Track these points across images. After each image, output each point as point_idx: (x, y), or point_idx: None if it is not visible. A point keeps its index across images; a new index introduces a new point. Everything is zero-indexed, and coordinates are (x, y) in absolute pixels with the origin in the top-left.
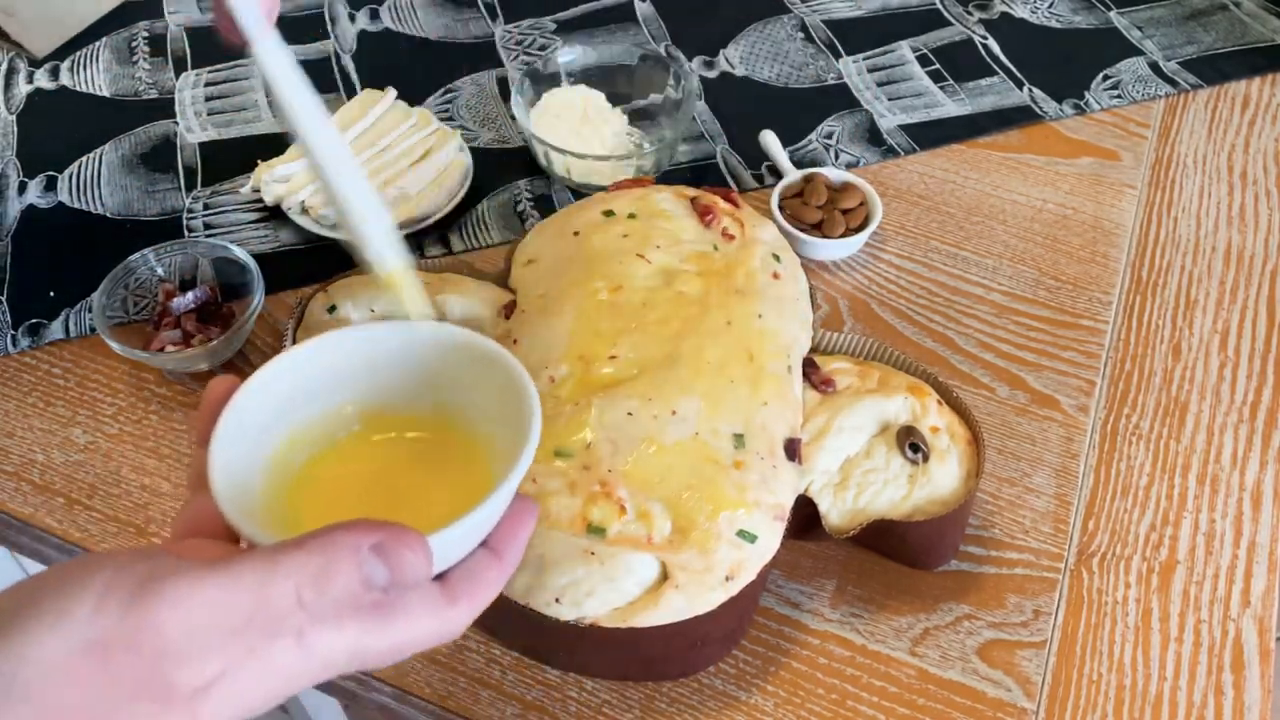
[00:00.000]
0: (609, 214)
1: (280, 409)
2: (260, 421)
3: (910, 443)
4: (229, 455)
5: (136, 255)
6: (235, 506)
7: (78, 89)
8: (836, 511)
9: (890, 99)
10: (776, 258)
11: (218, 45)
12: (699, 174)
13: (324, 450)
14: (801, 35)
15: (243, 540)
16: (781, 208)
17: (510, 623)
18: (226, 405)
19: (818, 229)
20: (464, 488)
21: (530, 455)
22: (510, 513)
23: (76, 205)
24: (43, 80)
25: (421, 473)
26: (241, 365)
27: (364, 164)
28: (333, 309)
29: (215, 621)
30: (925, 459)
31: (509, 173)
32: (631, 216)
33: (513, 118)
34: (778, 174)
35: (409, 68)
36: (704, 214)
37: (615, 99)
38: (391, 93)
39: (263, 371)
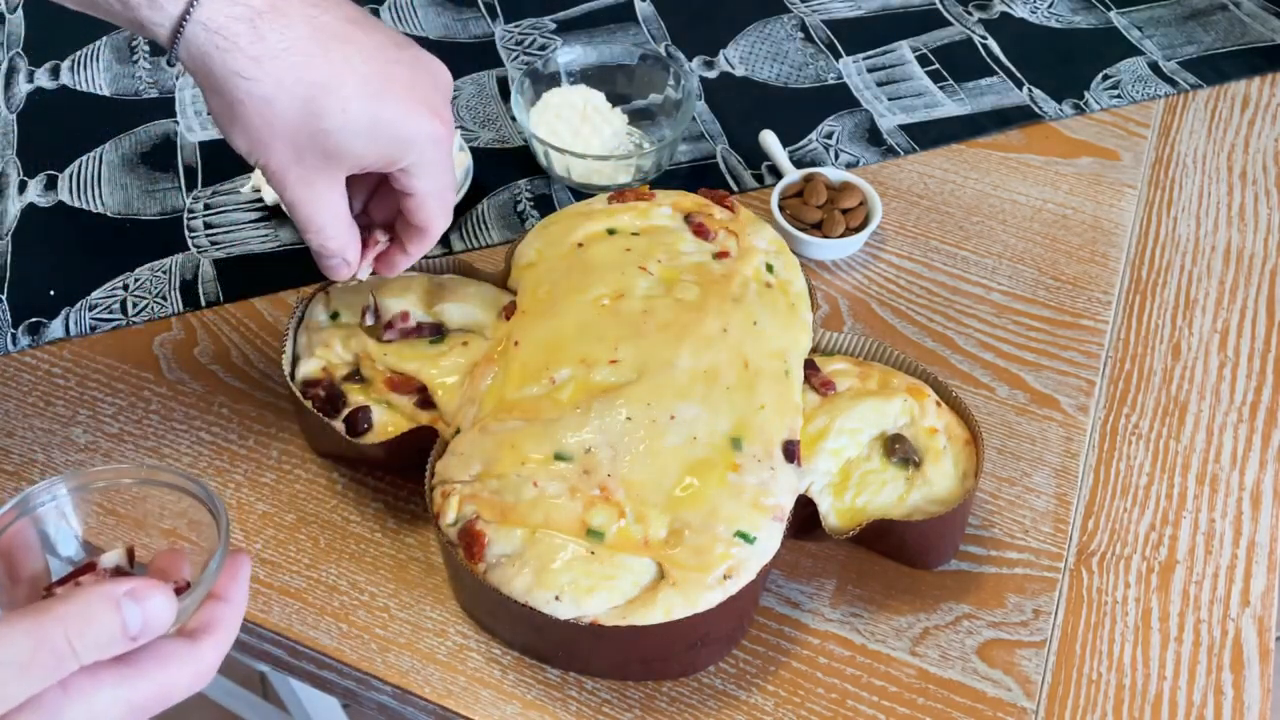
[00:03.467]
0: (612, 232)
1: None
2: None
3: (900, 455)
4: None
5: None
6: None
7: (78, 88)
8: (836, 512)
9: (890, 99)
10: (770, 267)
11: None
12: (699, 174)
13: None
14: (801, 35)
15: None
16: (781, 207)
17: (510, 622)
18: None
19: (818, 229)
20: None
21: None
22: (228, 565)
23: (77, 204)
24: (43, 79)
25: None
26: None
27: None
28: (335, 315)
29: (4, 659)
30: (917, 466)
31: (509, 173)
32: (635, 234)
33: (513, 118)
34: (778, 174)
35: None
36: (698, 232)
37: (615, 99)
38: None
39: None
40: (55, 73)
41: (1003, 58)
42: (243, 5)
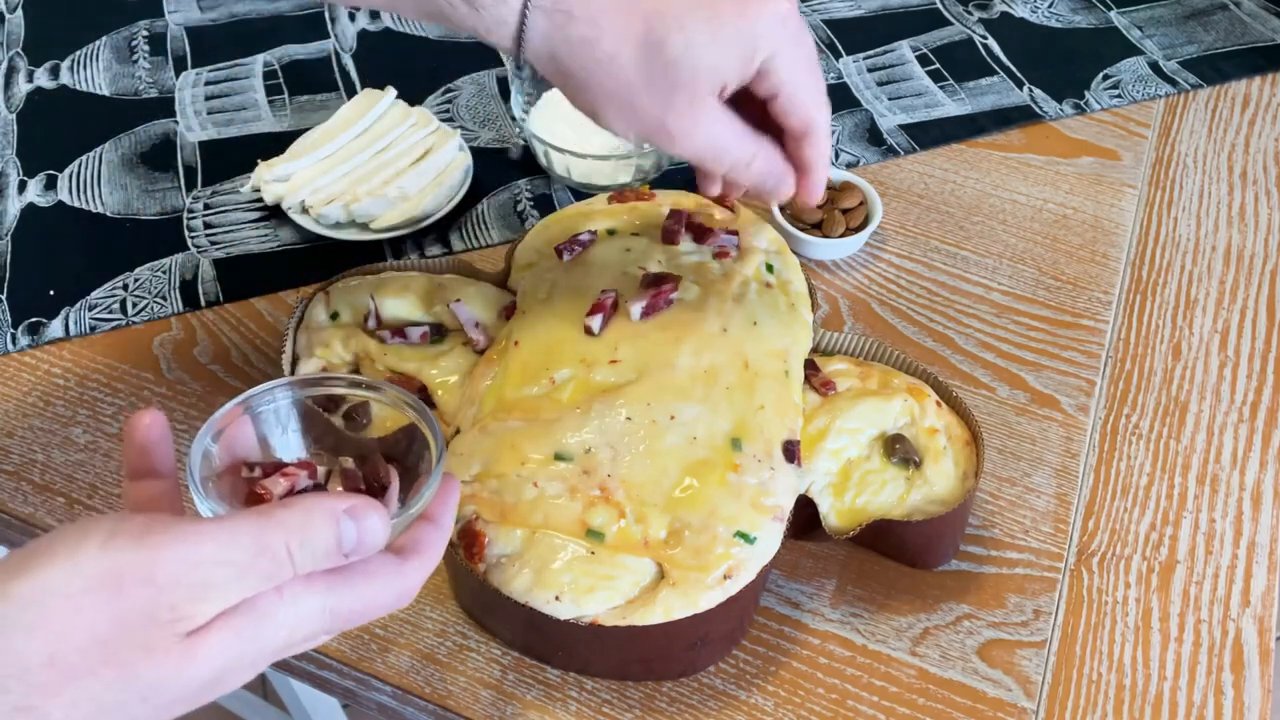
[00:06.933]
0: (612, 233)
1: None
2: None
3: (900, 455)
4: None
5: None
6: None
7: (78, 88)
8: (836, 512)
9: (890, 99)
10: (770, 267)
11: (218, 45)
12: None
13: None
14: None
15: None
16: (781, 207)
17: (510, 622)
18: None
19: (818, 229)
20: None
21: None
22: (440, 488)
23: (76, 204)
24: (43, 79)
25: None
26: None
27: (364, 164)
28: (335, 315)
29: (221, 561)
30: (917, 466)
31: (509, 173)
32: (635, 234)
33: (513, 118)
34: None
35: (409, 68)
36: (699, 235)
37: None
38: (391, 92)
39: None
40: (55, 72)
41: (1003, 57)
42: None
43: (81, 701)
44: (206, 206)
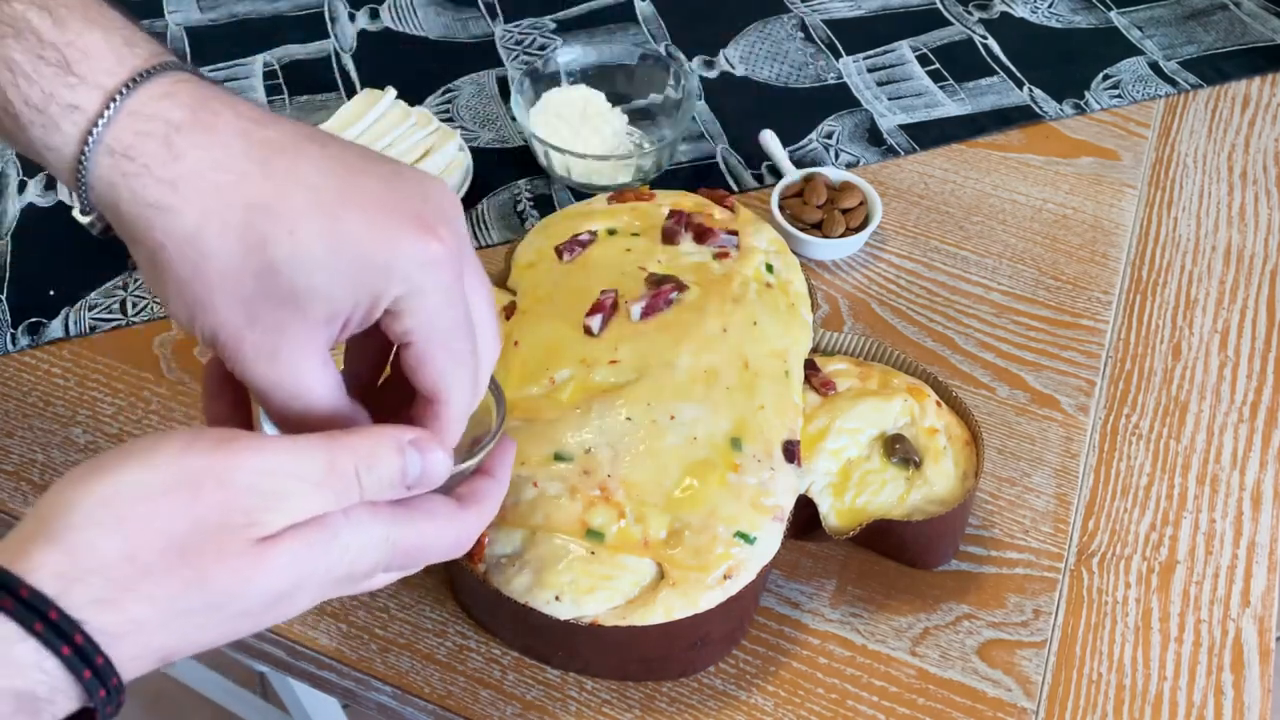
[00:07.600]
0: (613, 233)
1: None
2: None
3: (901, 455)
4: None
5: None
6: None
7: None
8: (836, 512)
9: (890, 99)
10: (770, 267)
11: (218, 45)
12: (699, 174)
13: None
14: (801, 35)
15: None
16: (781, 207)
17: (510, 622)
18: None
19: (818, 229)
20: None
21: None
22: (499, 444)
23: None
24: None
25: None
26: None
27: None
28: None
29: (294, 472)
30: (917, 466)
31: (509, 173)
32: (635, 235)
33: (513, 118)
34: (778, 174)
35: (409, 68)
36: (699, 235)
37: (615, 99)
38: (391, 92)
39: None
40: None
41: (1003, 57)
42: (159, 120)
43: (158, 598)
44: None
